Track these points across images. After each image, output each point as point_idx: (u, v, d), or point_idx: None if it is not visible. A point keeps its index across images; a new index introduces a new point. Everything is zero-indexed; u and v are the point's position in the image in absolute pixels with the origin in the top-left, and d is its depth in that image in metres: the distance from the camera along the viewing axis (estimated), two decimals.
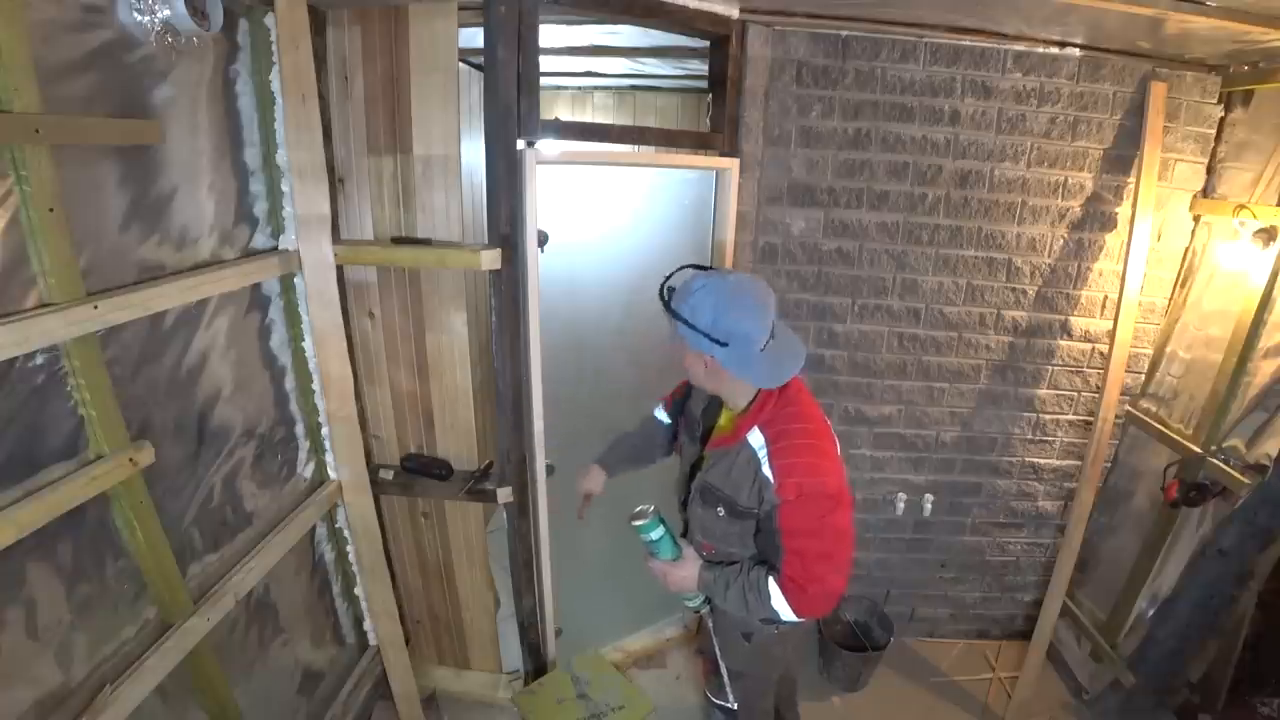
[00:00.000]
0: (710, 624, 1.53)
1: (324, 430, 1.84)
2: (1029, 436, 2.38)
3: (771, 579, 1.25)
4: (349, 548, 2.01)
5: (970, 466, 2.41)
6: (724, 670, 1.55)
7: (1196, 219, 2.15)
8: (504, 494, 1.96)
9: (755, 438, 1.25)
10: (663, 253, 2.13)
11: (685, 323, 1.21)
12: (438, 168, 1.75)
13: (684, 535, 1.50)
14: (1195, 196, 2.12)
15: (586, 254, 1.98)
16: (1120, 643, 2.29)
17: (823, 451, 1.24)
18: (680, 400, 1.61)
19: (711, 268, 1.33)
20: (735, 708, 1.62)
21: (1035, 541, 2.52)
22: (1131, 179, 2.09)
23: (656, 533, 1.38)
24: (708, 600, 1.47)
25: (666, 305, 1.25)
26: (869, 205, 2.11)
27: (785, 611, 1.26)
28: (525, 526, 2.07)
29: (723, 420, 1.41)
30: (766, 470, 1.22)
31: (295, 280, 1.69)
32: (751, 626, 1.45)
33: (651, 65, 2.71)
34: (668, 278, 1.29)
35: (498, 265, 1.74)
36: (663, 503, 1.45)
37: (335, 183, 1.75)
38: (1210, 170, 2.10)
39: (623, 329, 2.13)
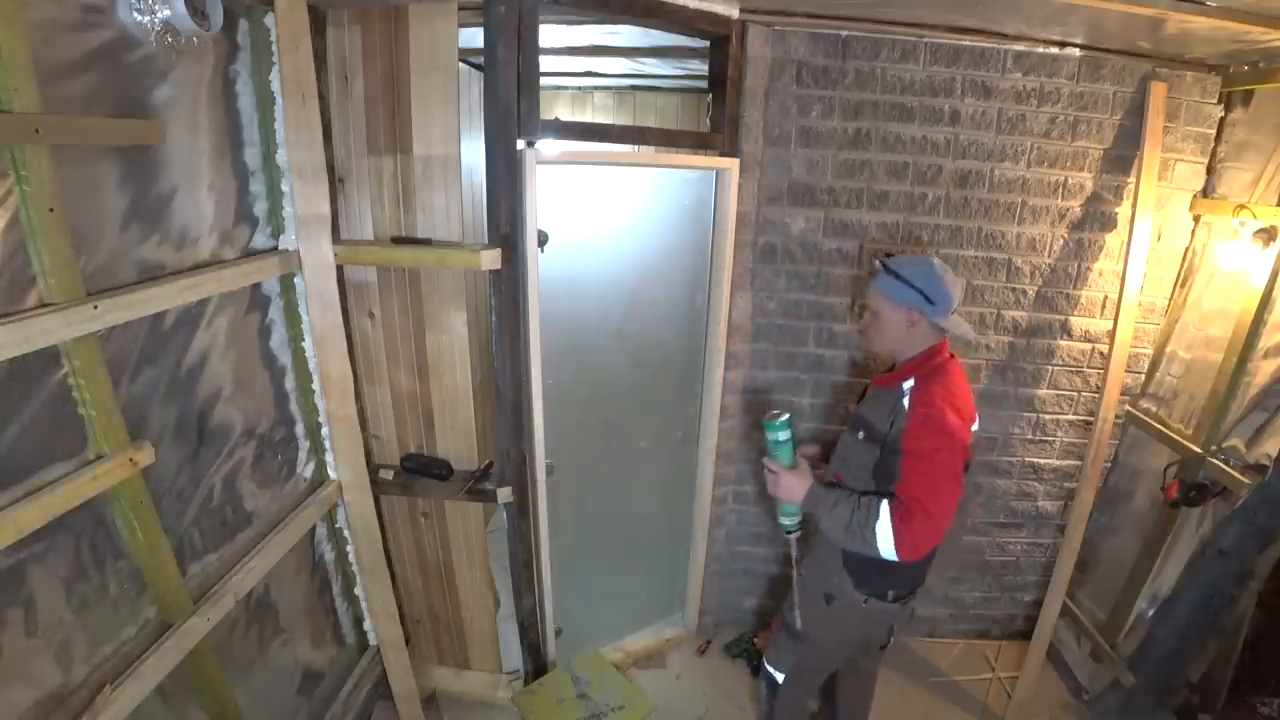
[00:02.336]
0: (795, 575, 1.65)
1: (324, 430, 1.83)
2: (1029, 436, 2.38)
3: (885, 501, 1.40)
4: (349, 548, 2.01)
5: (970, 466, 2.41)
6: (787, 629, 1.72)
7: (1196, 219, 2.15)
8: (504, 494, 1.96)
9: (908, 382, 1.50)
10: (663, 253, 2.14)
11: (906, 281, 1.47)
12: (438, 168, 1.75)
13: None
14: (1195, 196, 2.12)
15: (586, 254, 1.97)
16: (1120, 643, 2.29)
17: (953, 405, 1.45)
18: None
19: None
20: (782, 680, 1.73)
21: (1035, 541, 2.52)
22: (1131, 179, 2.09)
23: (784, 434, 1.54)
24: (802, 525, 1.62)
25: (886, 269, 1.51)
26: (869, 205, 2.11)
27: (885, 538, 1.38)
28: (525, 526, 2.07)
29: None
30: (905, 402, 1.47)
31: (295, 280, 1.69)
32: (836, 589, 1.60)
33: (651, 65, 2.71)
34: (886, 255, 1.57)
35: (498, 265, 1.74)
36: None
37: (335, 183, 1.75)
38: (1210, 170, 2.10)
39: (623, 329, 2.13)
